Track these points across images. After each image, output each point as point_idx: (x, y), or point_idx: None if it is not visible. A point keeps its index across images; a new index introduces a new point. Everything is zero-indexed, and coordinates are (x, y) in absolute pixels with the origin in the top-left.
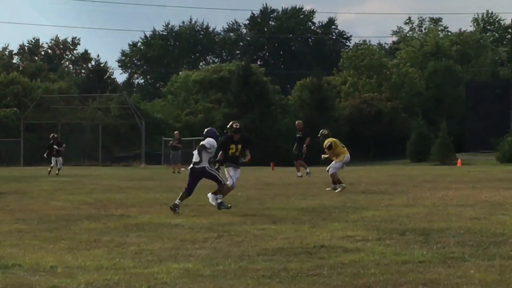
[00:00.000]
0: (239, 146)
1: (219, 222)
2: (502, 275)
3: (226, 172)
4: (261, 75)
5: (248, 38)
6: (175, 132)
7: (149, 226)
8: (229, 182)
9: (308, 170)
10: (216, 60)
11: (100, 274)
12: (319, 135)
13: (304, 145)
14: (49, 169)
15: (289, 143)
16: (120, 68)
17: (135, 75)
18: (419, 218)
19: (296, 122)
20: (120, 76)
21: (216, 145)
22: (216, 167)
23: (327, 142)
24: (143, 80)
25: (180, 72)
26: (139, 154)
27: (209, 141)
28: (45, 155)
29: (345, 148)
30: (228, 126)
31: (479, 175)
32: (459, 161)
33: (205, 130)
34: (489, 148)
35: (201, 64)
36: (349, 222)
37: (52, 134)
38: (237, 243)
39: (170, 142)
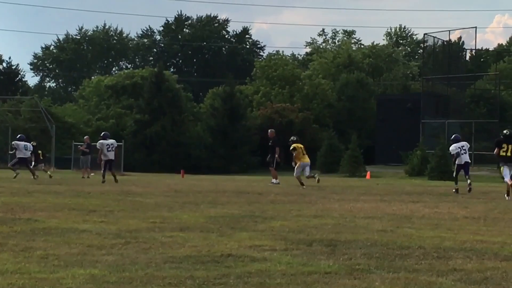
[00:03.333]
0: None
1: (127, 229)
2: (407, 287)
3: None
4: (174, 82)
5: (162, 45)
6: (85, 137)
7: (56, 230)
8: None
9: (277, 180)
10: (129, 65)
11: (5, 278)
12: (289, 141)
13: (276, 155)
14: None
15: (200, 150)
16: (32, 71)
17: (47, 79)
18: (326, 229)
19: (269, 130)
20: (31, 79)
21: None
22: None
23: (292, 146)
24: (55, 84)
25: (93, 77)
26: (48, 158)
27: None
28: None
29: (306, 156)
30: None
31: (388, 187)
32: (368, 173)
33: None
34: (398, 161)
35: (113, 69)
36: (257, 232)
37: None
38: (145, 250)
39: (80, 146)
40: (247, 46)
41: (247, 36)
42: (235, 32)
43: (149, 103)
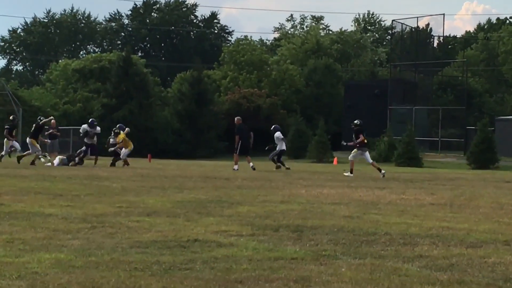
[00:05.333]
0: None
1: (93, 213)
2: (373, 273)
3: None
4: (141, 66)
5: (130, 29)
6: (52, 121)
7: (22, 214)
8: None
9: (236, 167)
10: (96, 49)
11: None
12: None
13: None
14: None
15: (167, 135)
16: None
17: (14, 62)
18: (293, 215)
19: (235, 118)
20: None
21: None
22: None
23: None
24: (22, 67)
25: (60, 60)
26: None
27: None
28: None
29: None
30: None
31: (355, 173)
32: (335, 159)
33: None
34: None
35: (81, 53)
36: (223, 217)
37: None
38: (111, 235)
39: (49, 131)
40: (215, 31)
41: (215, 21)
42: (203, 17)
43: (116, 87)
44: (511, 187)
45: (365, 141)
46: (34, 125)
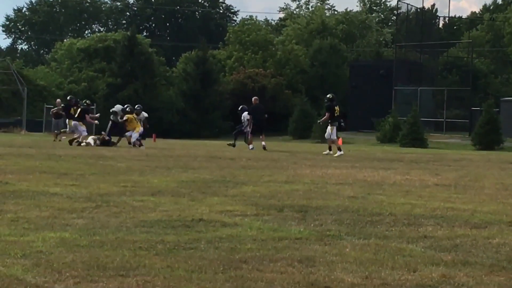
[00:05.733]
0: None
1: (98, 192)
2: (377, 254)
3: None
4: (146, 46)
5: (135, 8)
6: (57, 100)
7: (27, 193)
8: None
9: (251, 146)
10: (101, 29)
11: None
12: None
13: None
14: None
15: (172, 115)
16: (4, 33)
17: (19, 41)
18: (298, 195)
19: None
20: (3, 41)
21: None
22: None
23: None
24: (27, 46)
25: (65, 40)
26: (20, 120)
27: None
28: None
29: None
30: None
31: (359, 154)
32: (340, 140)
33: None
34: (370, 128)
35: (86, 32)
36: (228, 197)
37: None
38: (115, 214)
39: (54, 109)
40: (221, 11)
41: (220, 0)
42: None
43: (121, 67)
44: None
45: (337, 114)
46: (80, 108)
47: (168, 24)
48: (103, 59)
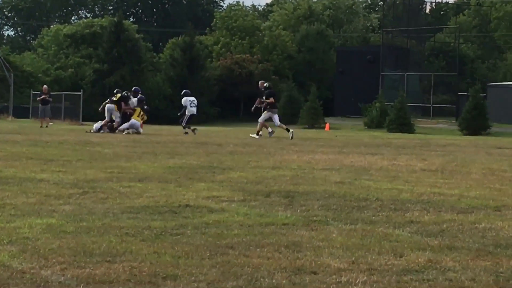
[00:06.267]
0: None
1: (84, 178)
2: (364, 239)
3: None
4: (133, 32)
5: None
6: (44, 86)
7: (14, 180)
8: None
9: (270, 129)
10: (88, 15)
11: None
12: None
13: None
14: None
15: (160, 101)
16: None
17: (6, 27)
18: (284, 180)
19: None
20: None
21: None
22: None
23: None
24: (13, 32)
25: (52, 26)
26: (7, 107)
27: None
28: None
29: None
30: None
31: (346, 139)
32: (327, 125)
33: None
34: (357, 114)
35: (73, 18)
36: (215, 183)
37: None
38: (102, 200)
39: (41, 96)
40: None
41: None
42: None
43: (108, 53)
44: (503, 153)
45: (274, 102)
46: (119, 95)
47: (155, 10)
48: (90, 45)
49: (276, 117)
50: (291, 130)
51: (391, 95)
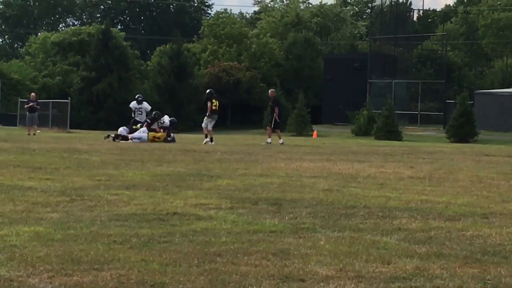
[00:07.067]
0: None
1: (72, 186)
2: (351, 246)
3: None
4: (121, 39)
5: (109, 2)
6: (32, 94)
7: (1, 187)
8: None
9: (269, 140)
10: (76, 22)
11: None
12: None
13: (275, 115)
14: None
15: None
16: None
17: None
18: (272, 188)
19: (269, 90)
20: None
21: None
22: None
23: None
24: (1, 40)
25: (39, 33)
26: None
27: None
28: None
29: None
30: None
31: (334, 147)
32: (315, 132)
33: None
34: (345, 121)
35: (60, 26)
36: (203, 190)
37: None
38: (90, 208)
39: (29, 104)
40: (195, 4)
41: None
42: None
43: (96, 61)
44: (490, 160)
45: (214, 108)
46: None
47: (142, 17)
48: (78, 53)
49: (212, 122)
50: (208, 139)
51: (379, 103)
